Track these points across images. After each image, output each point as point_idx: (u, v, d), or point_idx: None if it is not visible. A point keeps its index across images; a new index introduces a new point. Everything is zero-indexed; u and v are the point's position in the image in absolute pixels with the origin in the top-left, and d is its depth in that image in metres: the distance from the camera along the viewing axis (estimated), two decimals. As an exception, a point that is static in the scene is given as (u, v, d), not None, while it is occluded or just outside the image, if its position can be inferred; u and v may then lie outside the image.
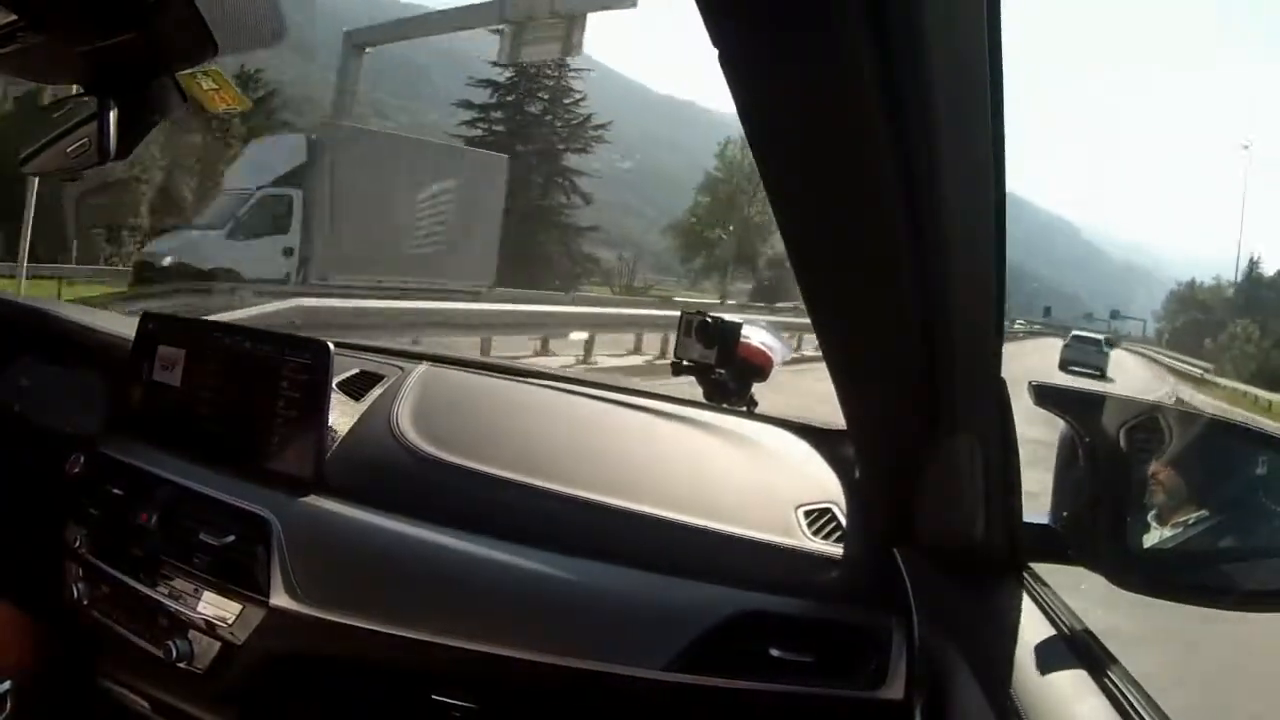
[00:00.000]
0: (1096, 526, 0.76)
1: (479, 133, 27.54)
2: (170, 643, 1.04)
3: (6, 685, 1.17)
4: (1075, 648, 0.73)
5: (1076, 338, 22.68)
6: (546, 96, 28.50)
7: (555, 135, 28.39)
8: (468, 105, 28.15)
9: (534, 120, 28.35)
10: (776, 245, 32.66)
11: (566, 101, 28.72)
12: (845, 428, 0.98)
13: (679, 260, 36.19)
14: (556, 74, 28.04)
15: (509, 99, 28.11)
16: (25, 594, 1.23)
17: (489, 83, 27.91)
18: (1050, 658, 0.72)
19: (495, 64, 26.26)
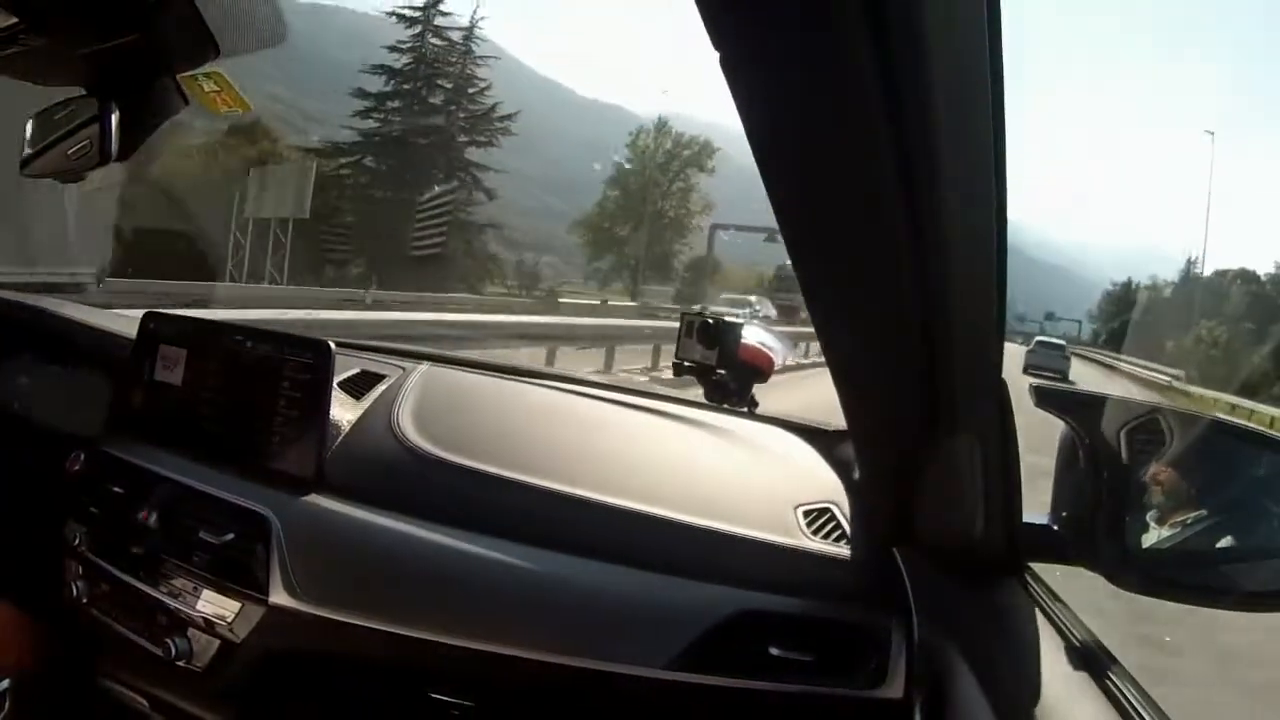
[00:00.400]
0: (1096, 526, 0.76)
1: (373, 123, 24.23)
2: (170, 641, 1.04)
3: (6, 684, 1.17)
4: (1074, 647, 0.73)
5: (1041, 343, 22.39)
6: (450, 85, 25.18)
7: (458, 127, 25.13)
8: (362, 94, 24.39)
9: (435, 110, 24.89)
10: (696, 245, 30.53)
11: (471, 91, 25.36)
12: (845, 428, 0.98)
13: (586, 260, 31.97)
14: (460, 62, 25.20)
15: (406, 87, 24.76)
16: (25, 593, 1.23)
17: (384, 68, 24.38)
18: (1049, 657, 0.72)
19: (392, 49, 23.96)
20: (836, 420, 0.98)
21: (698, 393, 1.30)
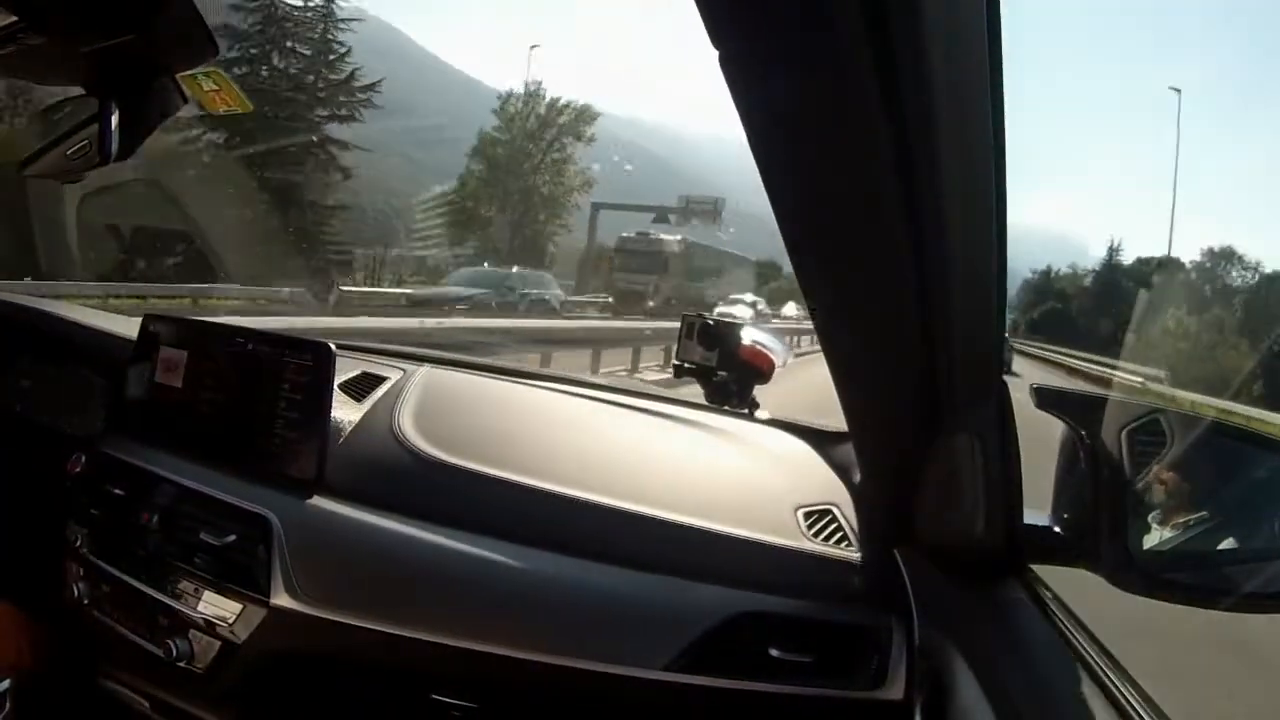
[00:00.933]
0: (1097, 527, 0.76)
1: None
2: (170, 642, 1.04)
3: (6, 685, 1.17)
4: (1075, 648, 0.73)
5: None
6: (308, 51, 20.95)
7: (315, 98, 21.20)
8: (204, 60, 21.58)
9: (286, 77, 20.86)
10: (578, 230, 25.53)
11: (331, 58, 21.12)
12: (845, 430, 0.98)
13: (447, 244, 25.70)
14: (323, 25, 21.11)
15: (254, 51, 20.59)
16: (25, 594, 1.23)
17: (225, 29, 19.42)
18: (1050, 658, 0.72)
19: (236, 7, 19.84)
20: (836, 420, 0.98)
21: (698, 394, 1.30)
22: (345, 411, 1.14)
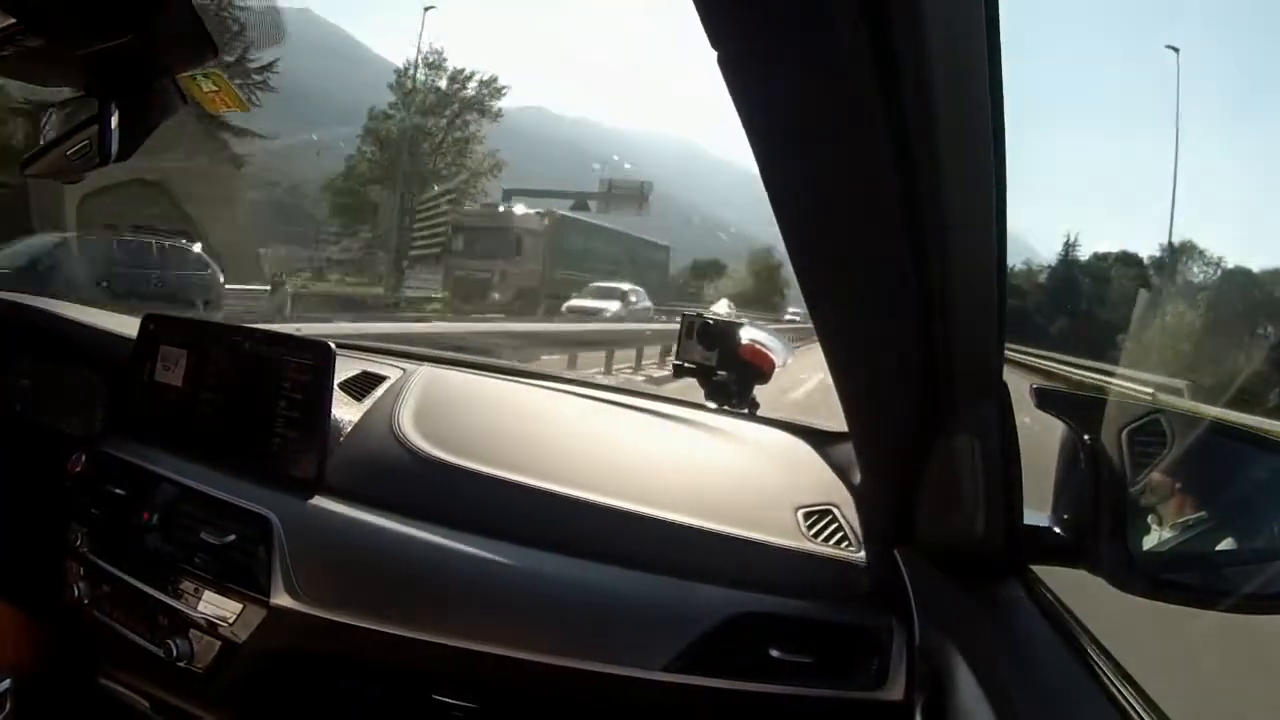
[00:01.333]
0: (1097, 528, 0.76)
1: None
2: (171, 642, 1.04)
3: (6, 685, 1.17)
4: (1074, 648, 0.73)
5: None
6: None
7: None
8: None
9: None
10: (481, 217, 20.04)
11: (225, 36, 14.35)
12: (845, 430, 0.98)
13: (335, 237, 20.93)
14: (215, 3, 14.83)
15: None
16: (25, 594, 1.23)
17: None
18: (1049, 658, 0.72)
19: None
20: (837, 421, 0.98)
21: (699, 394, 1.30)
22: (345, 411, 1.14)
